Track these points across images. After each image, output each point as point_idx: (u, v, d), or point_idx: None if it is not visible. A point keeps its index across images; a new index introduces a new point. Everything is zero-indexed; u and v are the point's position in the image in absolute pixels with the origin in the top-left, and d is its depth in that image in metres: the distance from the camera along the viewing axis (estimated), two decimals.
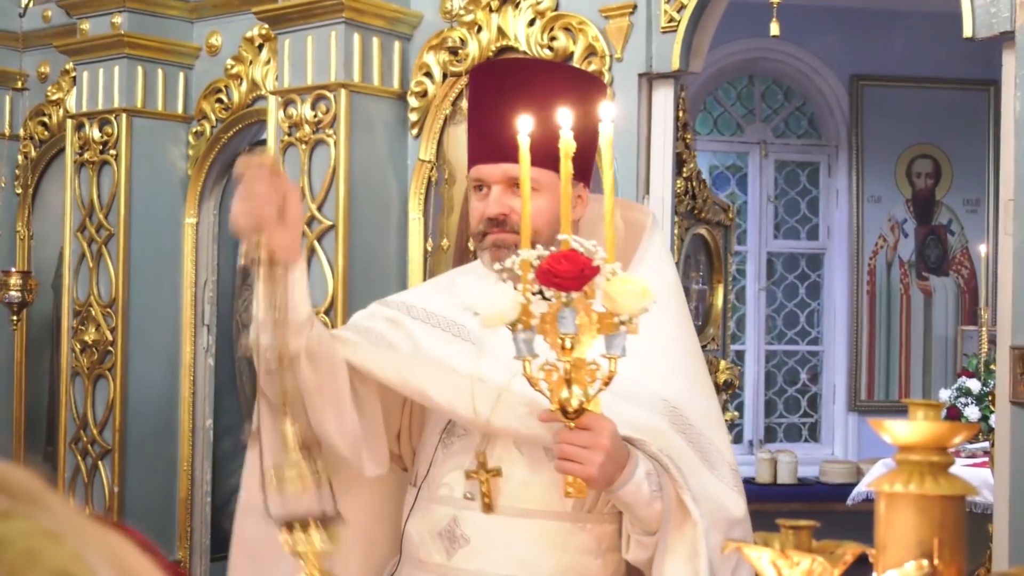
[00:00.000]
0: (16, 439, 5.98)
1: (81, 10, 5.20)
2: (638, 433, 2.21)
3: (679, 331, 2.40)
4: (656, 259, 2.42)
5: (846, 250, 8.51)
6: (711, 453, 2.29)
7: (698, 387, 2.38)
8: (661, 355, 2.32)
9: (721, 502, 2.25)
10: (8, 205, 5.93)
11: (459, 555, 2.32)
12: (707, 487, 2.23)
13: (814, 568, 1.05)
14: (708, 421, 2.33)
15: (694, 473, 2.22)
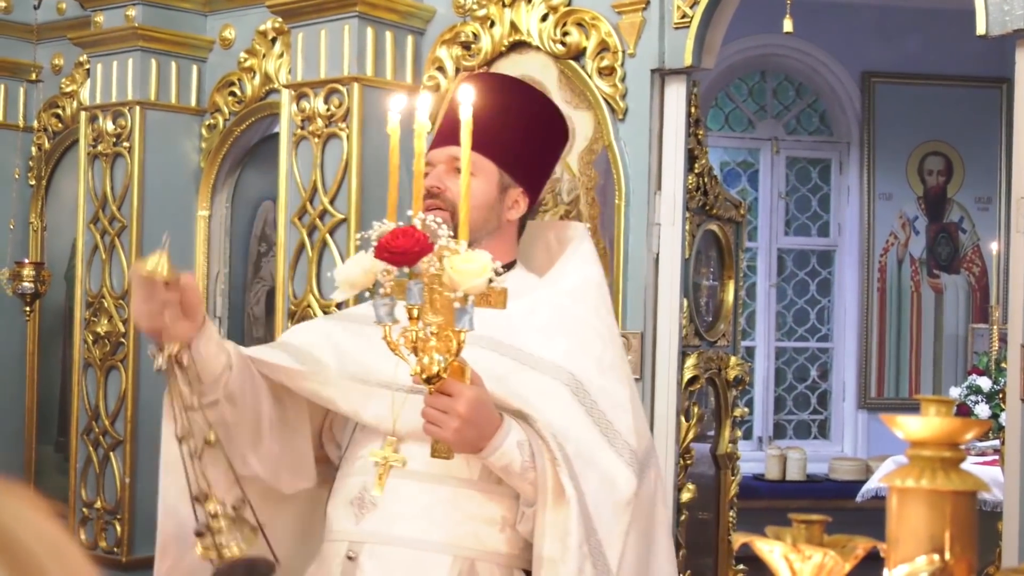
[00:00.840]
0: (28, 429, 6.00)
1: (95, 3, 5.22)
2: (540, 396, 2.31)
3: (593, 320, 2.50)
4: (582, 260, 2.58)
5: (857, 247, 8.51)
6: (610, 430, 2.36)
7: (606, 370, 2.44)
8: (570, 337, 2.45)
9: (613, 479, 2.31)
10: (22, 197, 5.95)
11: (366, 519, 2.40)
12: (599, 462, 2.31)
13: (826, 562, 1.05)
14: (611, 402, 2.39)
15: (587, 447, 2.30)
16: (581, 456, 2.29)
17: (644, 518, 2.36)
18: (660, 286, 4.02)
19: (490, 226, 2.54)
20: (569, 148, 4.14)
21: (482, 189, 2.51)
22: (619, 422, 2.37)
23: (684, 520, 4.07)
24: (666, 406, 3.99)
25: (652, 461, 2.44)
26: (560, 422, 2.30)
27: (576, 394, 2.36)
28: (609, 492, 2.30)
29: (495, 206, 2.55)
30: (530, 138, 2.60)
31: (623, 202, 4.02)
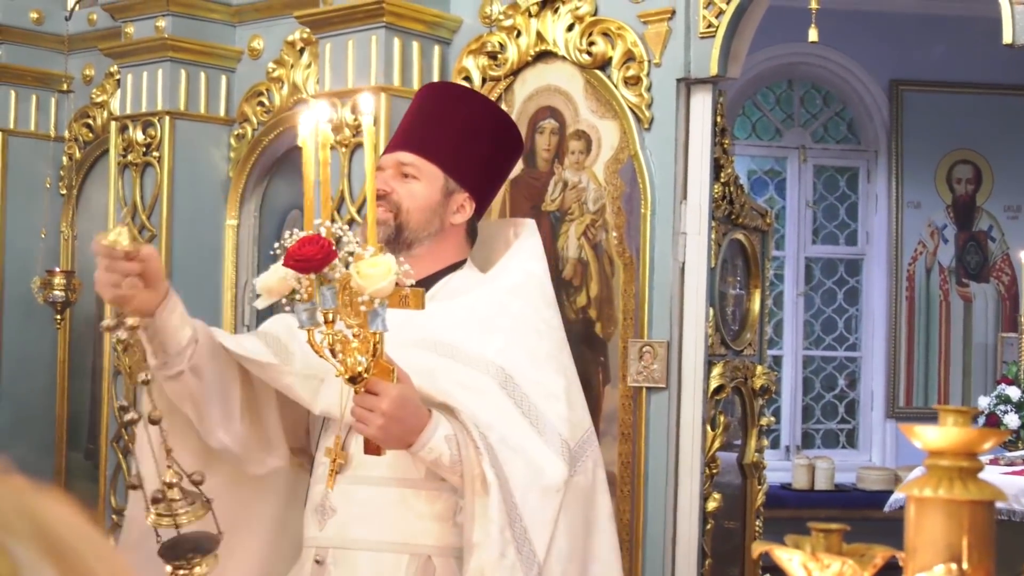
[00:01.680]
0: (59, 436, 6.05)
1: (126, 13, 5.26)
2: (466, 391, 2.39)
3: (531, 315, 2.59)
4: (527, 256, 2.70)
5: (885, 256, 8.48)
6: (541, 421, 2.42)
7: (540, 363, 2.52)
8: (507, 332, 2.53)
9: (540, 467, 2.37)
10: (53, 206, 6.01)
11: (327, 525, 2.52)
12: (526, 450, 2.37)
13: (844, 571, 1.06)
14: (544, 393, 2.46)
15: (513, 437, 2.37)
16: (506, 444, 2.35)
17: (580, 506, 2.43)
18: (686, 295, 4.02)
19: (432, 228, 2.66)
20: (593, 151, 4.15)
21: (425, 193, 2.64)
22: (551, 412, 2.43)
23: (710, 529, 4.07)
24: (692, 415, 3.99)
25: (590, 450, 2.50)
26: (485, 414, 2.38)
27: (504, 387, 2.43)
28: (535, 479, 2.35)
29: (438, 209, 2.66)
30: (476, 145, 2.71)
31: (649, 211, 4.03)
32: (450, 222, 2.68)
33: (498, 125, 2.79)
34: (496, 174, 2.81)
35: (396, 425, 2.29)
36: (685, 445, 3.99)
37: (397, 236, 2.64)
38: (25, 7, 5.95)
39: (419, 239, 2.64)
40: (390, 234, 2.64)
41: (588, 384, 4.12)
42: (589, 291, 4.15)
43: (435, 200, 2.65)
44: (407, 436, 2.32)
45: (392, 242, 2.64)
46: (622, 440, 4.03)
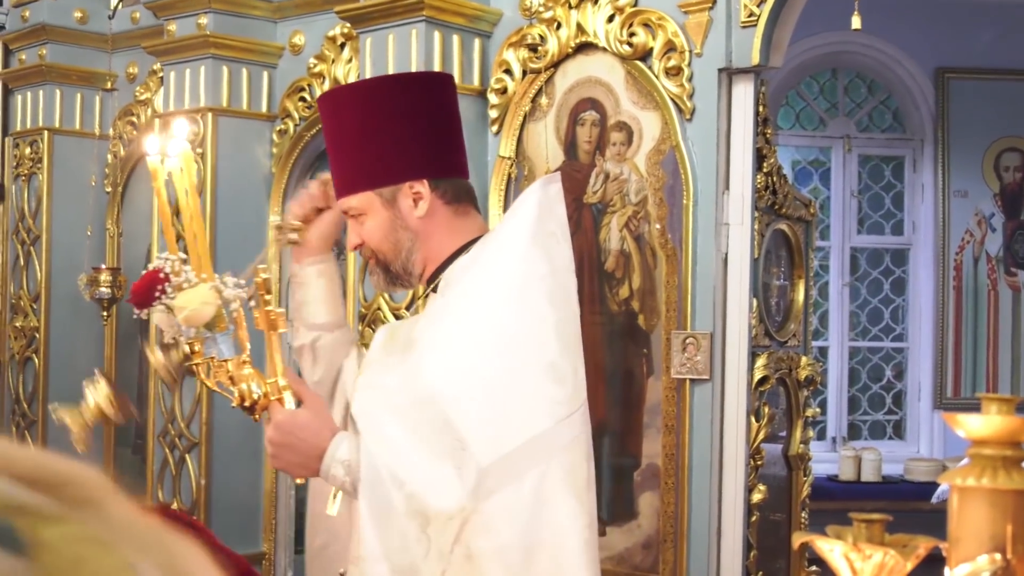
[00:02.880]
0: (107, 433, 6.11)
1: (168, 11, 5.29)
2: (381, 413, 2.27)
3: (480, 319, 2.30)
4: (496, 248, 2.36)
5: (932, 245, 8.40)
6: (449, 443, 2.18)
7: (468, 374, 2.26)
8: (444, 337, 2.31)
9: (429, 494, 2.17)
10: (98, 203, 6.06)
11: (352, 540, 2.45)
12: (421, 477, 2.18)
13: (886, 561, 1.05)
14: (461, 410, 2.20)
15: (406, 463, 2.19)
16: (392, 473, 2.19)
17: (503, 535, 2.17)
18: (729, 286, 4.00)
19: (407, 243, 2.46)
20: (634, 142, 4.14)
21: (374, 223, 2.46)
22: (463, 426, 2.19)
23: (755, 521, 4.05)
24: (736, 406, 3.97)
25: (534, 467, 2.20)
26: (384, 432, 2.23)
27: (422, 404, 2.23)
28: (425, 504, 2.16)
29: (395, 225, 2.44)
30: (369, 138, 2.44)
31: (691, 202, 4.01)
32: (417, 220, 2.43)
33: (365, 100, 2.45)
34: (412, 135, 2.45)
35: (288, 452, 2.26)
36: (729, 437, 3.97)
37: (390, 276, 2.51)
38: (69, 7, 6.00)
39: (406, 261, 2.47)
40: (386, 279, 2.53)
41: (631, 376, 4.11)
42: (632, 283, 4.14)
43: (386, 220, 2.43)
44: (308, 463, 2.25)
45: (395, 283, 2.54)
46: (666, 432, 4.02)
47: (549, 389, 2.25)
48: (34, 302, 6.04)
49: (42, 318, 6.01)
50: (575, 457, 2.25)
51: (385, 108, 2.43)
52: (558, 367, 2.27)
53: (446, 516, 2.16)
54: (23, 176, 6.13)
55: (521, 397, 2.25)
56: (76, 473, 0.61)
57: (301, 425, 2.26)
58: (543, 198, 2.35)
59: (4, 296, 6.27)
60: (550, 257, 2.32)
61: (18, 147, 6.17)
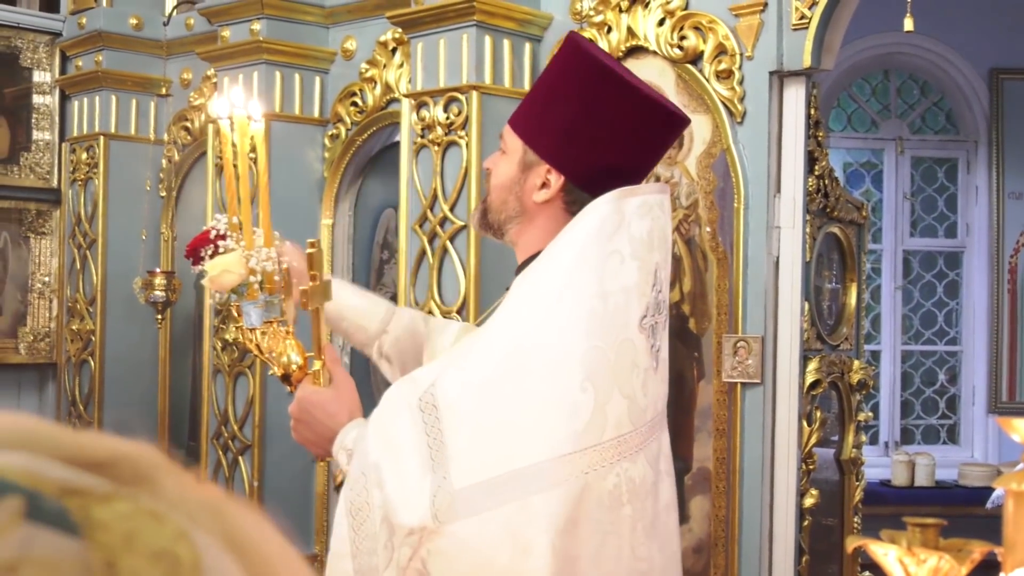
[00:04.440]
0: (161, 434, 6.17)
1: (222, 17, 5.34)
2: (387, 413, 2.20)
3: (515, 339, 2.16)
4: (547, 256, 2.23)
5: (986, 248, 8.32)
6: (434, 458, 2.08)
7: (488, 397, 2.13)
8: (470, 357, 2.20)
9: (395, 503, 2.08)
10: (153, 208, 6.12)
11: None
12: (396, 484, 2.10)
13: (941, 566, 1.05)
14: (468, 433, 2.10)
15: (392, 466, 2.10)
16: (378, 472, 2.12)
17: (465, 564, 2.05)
18: (780, 290, 3.99)
19: (510, 210, 2.36)
20: (685, 145, 4.13)
21: (505, 168, 2.36)
22: (452, 445, 2.09)
23: (807, 526, 4.03)
24: (787, 411, 3.96)
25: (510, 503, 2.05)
26: (386, 429, 2.17)
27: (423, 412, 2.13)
28: (397, 514, 2.07)
29: (513, 187, 2.33)
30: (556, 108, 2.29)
31: (742, 205, 4.00)
32: (532, 201, 2.30)
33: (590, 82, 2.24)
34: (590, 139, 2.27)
35: (303, 428, 2.31)
36: (781, 441, 3.96)
37: (485, 221, 2.41)
38: (125, 14, 6.08)
39: (500, 221, 2.37)
40: (481, 221, 2.44)
41: (682, 380, 4.11)
42: (683, 286, 4.13)
43: (512, 176, 2.31)
44: (320, 441, 2.30)
45: (486, 229, 2.43)
46: (717, 436, 4.01)
47: (555, 420, 2.09)
48: (90, 305, 6.12)
49: (98, 321, 6.08)
50: (565, 497, 2.07)
51: (581, 90, 2.27)
52: (574, 400, 2.10)
53: (406, 530, 2.05)
54: (79, 181, 6.21)
55: (519, 426, 2.09)
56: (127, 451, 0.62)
57: (320, 404, 2.27)
58: (612, 212, 2.20)
59: (61, 299, 6.36)
60: (602, 277, 2.16)
61: (75, 152, 6.25)
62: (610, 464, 2.11)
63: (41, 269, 6.38)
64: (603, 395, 2.11)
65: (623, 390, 2.14)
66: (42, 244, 6.39)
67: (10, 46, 6.29)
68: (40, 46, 6.37)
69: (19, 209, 6.34)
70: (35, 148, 6.36)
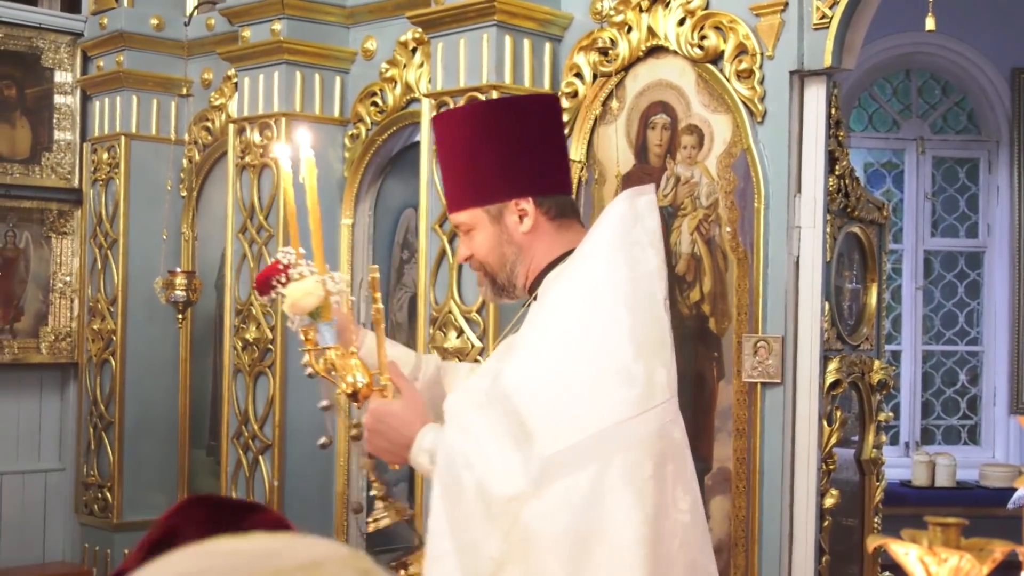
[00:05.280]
0: (182, 434, 6.19)
1: (242, 18, 5.36)
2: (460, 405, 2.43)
3: (556, 323, 2.44)
4: (582, 255, 2.51)
5: (1007, 248, 8.28)
6: (518, 434, 2.32)
7: (540, 374, 2.39)
8: (526, 340, 2.47)
9: (497, 477, 2.30)
10: (174, 208, 6.15)
11: None
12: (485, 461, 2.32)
13: (962, 565, 1.05)
14: (532, 406, 2.34)
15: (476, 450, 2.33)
16: (465, 457, 2.34)
17: (561, 524, 2.29)
18: (801, 290, 3.98)
19: (512, 257, 2.60)
20: (705, 145, 4.13)
21: (483, 237, 2.61)
22: (532, 420, 2.33)
23: (827, 526, 4.02)
24: (808, 410, 3.95)
25: (594, 462, 2.31)
26: (463, 422, 2.39)
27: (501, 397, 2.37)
28: (493, 487, 2.30)
29: (502, 239, 2.59)
30: (476, 159, 2.59)
31: (762, 205, 3.99)
32: (522, 235, 2.58)
33: (475, 123, 2.62)
34: (517, 155, 2.60)
35: (378, 438, 2.43)
36: (801, 441, 3.95)
37: (496, 287, 2.67)
38: (146, 14, 6.10)
39: (508, 275, 2.63)
40: (493, 290, 2.68)
41: (703, 380, 4.10)
42: (703, 286, 4.13)
43: (493, 235, 2.58)
44: (397, 450, 2.44)
45: (501, 294, 2.69)
46: (737, 436, 4.00)
47: (616, 390, 2.36)
48: (111, 305, 6.14)
49: (119, 321, 6.11)
50: (639, 455, 2.34)
51: (493, 130, 2.58)
52: (629, 370, 2.37)
53: (506, 499, 2.28)
54: (101, 181, 6.23)
55: (587, 396, 2.36)
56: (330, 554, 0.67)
57: (394, 414, 2.41)
58: (628, 209, 2.49)
59: (82, 299, 6.38)
60: (632, 263, 2.45)
61: (96, 152, 6.28)
62: (659, 427, 2.39)
63: (62, 269, 6.41)
64: (650, 366, 2.39)
65: (661, 361, 2.43)
66: (63, 244, 6.42)
67: (32, 46, 6.32)
68: (61, 46, 6.40)
69: (41, 209, 6.37)
70: (56, 148, 6.39)
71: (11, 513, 6.32)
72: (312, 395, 5.27)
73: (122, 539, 6.10)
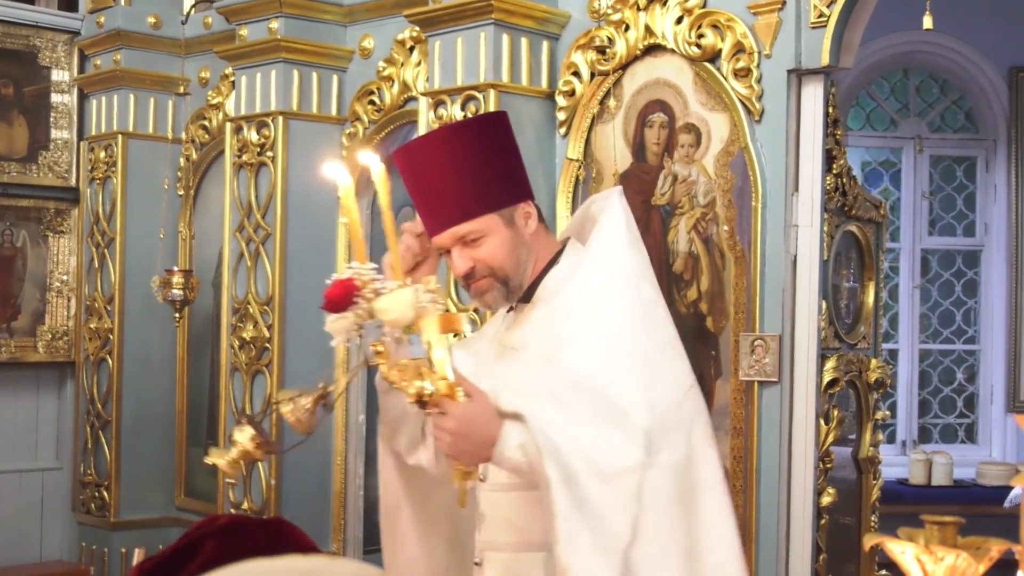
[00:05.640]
0: (179, 432, 6.19)
1: (240, 16, 5.35)
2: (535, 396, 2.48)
3: (610, 308, 2.61)
4: (601, 251, 2.67)
5: (1005, 247, 8.29)
6: (615, 411, 2.48)
7: (614, 355, 2.56)
8: (581, 330, 2.58)
9: (606, 455, 2.44)
10: (171, 206, 6.14)
11: (482, 530, 2.73)
12: (596, 440, 2.46)
13: (958, 564, 1.04)
14: (619, 383, 2.51)
15: (578, 429, 2.45)
16: (569, 439, 2.43)
17: (673, 482, 2.49)
18: (798, 288, 3.98)
19: (524, 257, 2.71)
20: (703, 144, 4.13)
21: (499, 241, 2.67)
22: (630, 404, 2.48)
23: (824, 524, 4.02)
24: (805, 409, 3.95)
25: (681, 421, 2.54)
26: (548, 414, 2.46)
27: (574, 386, 2.50)
28: (601, 467, 2.43)
29: (516, 240, 2.69)
30: (489, 165, 2.70)
31: (760, 204, 3.99)
32: (529, 235, 2.71)
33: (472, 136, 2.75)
34: (515, 166, 2.78)
35: (463, 442, 2.42)
36: (798, 439, 3.95)
37: (508, 291, 2.71)
38: (143, 13, 6.10)
39: (523, 274, 2.71)
40: (504, 295, 2.72)
41: (700, 378, 4.09)
42: (700, 285, 4.13)
43: (510, 238, 2.68)
44: (480, 451, 2.45)
45: (511, 297, 2.73)
46: (734, 435, 4.00)
47: (677, 362, 2.64)
48: (108, 304, 6.14)
49: (116, 320, 6.10)
50: (706, 416, 2.63)
51: (495, 140, 2.74)
52: (675, 345, 2.65)
53: (622, 472, 2.43)
54: (98, 180, 6.23)
55: (660, 369, 2.59)
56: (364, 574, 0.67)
57: (476, 416, 2.42)
58: (625, 204, 2.72)
59: (79, 298, 6.38)
60: (643, 255, 2.70)
61: (93, 151, 6.28)
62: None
63: (59, 268, 6.41)
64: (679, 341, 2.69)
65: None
66: (60, 243, 6.42)
67: (29, 45, 6.31)
68: (59, 45, 6.39)
69: (38, 208, 6.36)
70: (54, 147, 6.39)
71: (8, 512, 6.31)
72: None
73: (119, 538, 6.10)
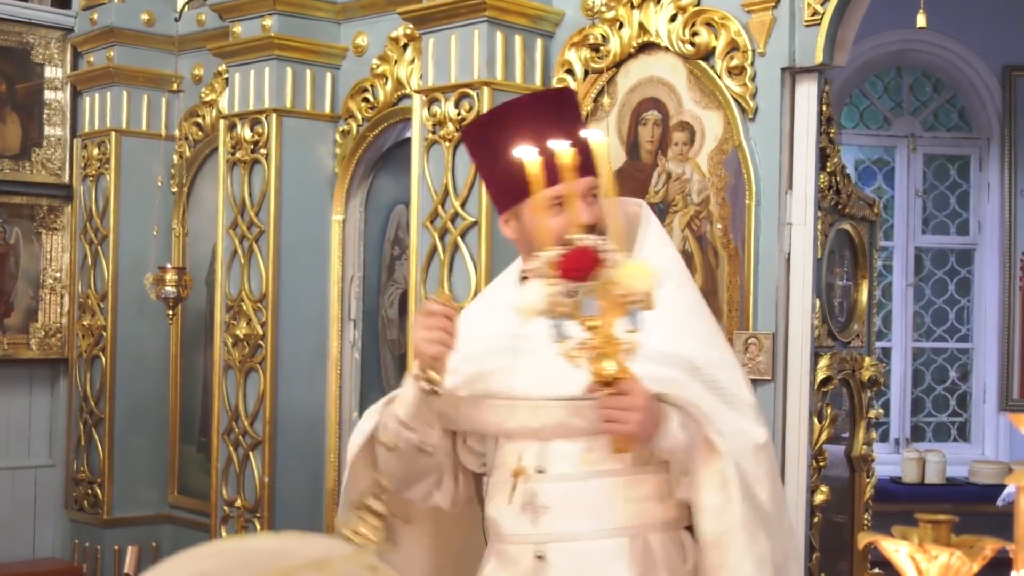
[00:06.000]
0: (172, 430, 6.18)
1: (233, 13, 5.35)
2: (660, 385, 2.50)
3: (683, 299, 2.70)
4: (656, 243, 2.74)
5: (998, 245, 8.29)
6: (727, 394, 2.62)
7: (706, 341, 2.70)
8: (670, 321, 2.57)
9: (745, 433, 2.59)
10: (164, 203, 6.13)
11: (543, 522, 2.65)
12: (729, 422, 2.56)
13: (952, 563, 1.04)
14: (720, 368, 2.65)
15: (715, 411, 2.56)
16: (715, 414, 2.55)
17: (774, 462, 2.68)
18: (792, 286, 3.98)
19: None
20: (697, 141, 4.13)
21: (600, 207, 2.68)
22: (732, 383, 2.63)
23: (818, 522, 4.02)
24: (798, 407, 3.95)
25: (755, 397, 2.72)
26: (690, 394, 2.56)
27: (693, 374, 2.59)
28: (745, 441, 2.57)
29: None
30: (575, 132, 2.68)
31: (754, 202, 3.99)
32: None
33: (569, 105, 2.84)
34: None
35: (649, 420, 2.45)
36: (792, 437, 3.95)
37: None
38: (136, 10, 6.08)
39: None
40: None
41: None
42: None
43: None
44: (654, 429, 2.49)
45: None
46: None
47: (729, 345, 2.83)
48: (101, 301, 6.13)
49: (109, 317, 6.10)
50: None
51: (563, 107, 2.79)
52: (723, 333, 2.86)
53: (765, 443, 2.61)
54: (91, 177, 6.22)
55: (733, 352, 2.80)
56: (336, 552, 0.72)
57: (649, 396, 2.46)
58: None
59: (72, 295, 6.37)
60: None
61: (86, 148, 6.27)
62: None
63: (52, 265, 6.40)
64: None
65: None
66: (53, 240, 6.41)
67: (22, 42, 6.30)
68: (52, 42, 6.38)
69: (31, 205, 6.35)
70: (47, 144, 6.37)
71: (1, 509, 6.30)
72: (301, 392, 5.26)
73: (112, 535, 6.09)
